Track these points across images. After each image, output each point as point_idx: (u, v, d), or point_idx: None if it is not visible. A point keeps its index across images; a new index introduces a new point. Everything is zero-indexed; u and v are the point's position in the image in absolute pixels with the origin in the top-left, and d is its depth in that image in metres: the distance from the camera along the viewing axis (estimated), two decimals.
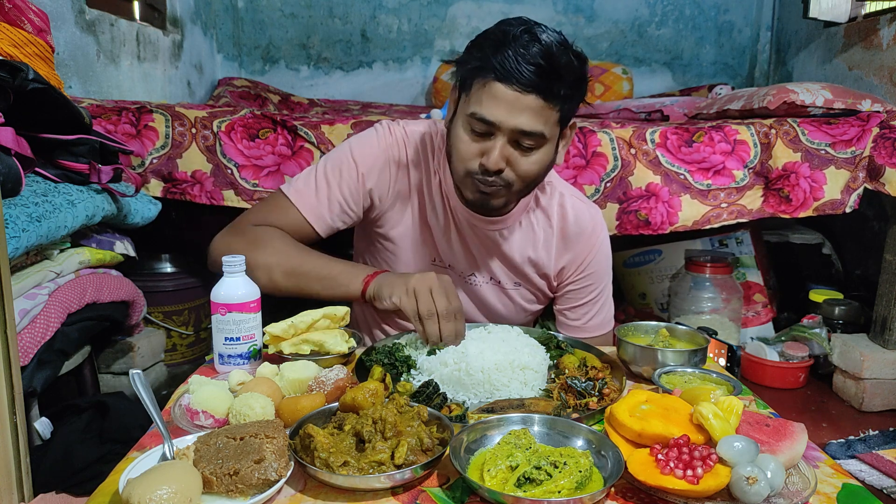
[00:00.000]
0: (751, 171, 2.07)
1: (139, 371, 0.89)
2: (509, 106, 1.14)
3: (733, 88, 3.25)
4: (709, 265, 2.48)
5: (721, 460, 0.80)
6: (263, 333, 1.14)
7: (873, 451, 1.91)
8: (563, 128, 1.25)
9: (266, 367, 1.07)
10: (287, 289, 1.29)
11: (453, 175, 1.27)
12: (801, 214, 2.06)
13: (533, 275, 1.43)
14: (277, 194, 1.37)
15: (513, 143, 1.18)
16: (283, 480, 0.79)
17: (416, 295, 1.18)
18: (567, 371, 1.12)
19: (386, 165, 1.36)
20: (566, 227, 1.41)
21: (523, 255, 1.41)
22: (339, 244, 1.51)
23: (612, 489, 0.81)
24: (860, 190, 2.05)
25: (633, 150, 2.05)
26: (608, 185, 2.04)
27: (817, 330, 2.43)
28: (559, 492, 0.77)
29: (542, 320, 1.73)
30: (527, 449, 0.83)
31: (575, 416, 0.97)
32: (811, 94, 2.12)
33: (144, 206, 1.73)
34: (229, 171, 1.95)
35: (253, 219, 1.36)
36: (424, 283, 1.18)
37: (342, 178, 1.34)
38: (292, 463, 0.81)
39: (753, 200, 2.10)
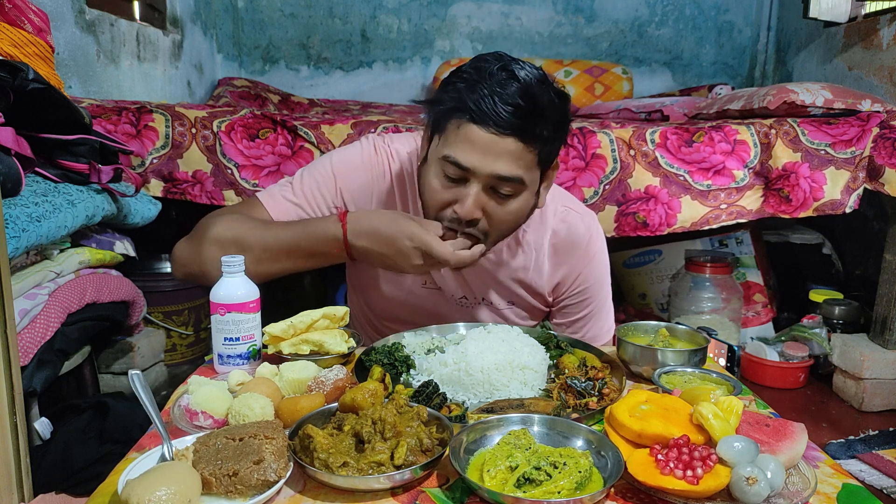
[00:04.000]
0: (751, 171, 2.07)
1: (138, 371, 0.88)
2: (485, 150, 1.06)
3: (733, 88, 3.26)
4: (709, 265, 2.48)
5: (721, 460, 0.79)
6: (263, 333, 1.14)
7: (873, 451, 1.91)
8: (546, 170, 1.18)
9: (265, 368, 1.07)
10: (260, 273, 1.19)
11: (425, 217, 1.20)
12: (801, 214, 2.06)
13: (525, 295, 1.38)
14: (251, 198, 1.31)
15: (488, 191, 1.11)
16: (283, 481, 0.79)
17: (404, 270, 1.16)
18: (567, 371, 1.12)
19: (367, 182, 1.30)
20: (559, 242, 1.34)
21: (514, 277, 1.35)
22: None
23: (612, 489, 0.81)
24: (860, 190, 2.05)
25: (632, 152, 2.05)
26: (607, 187, 2.04)
27: (817, 330, 2.43)
28: (559, 492, 0.77)
29: (542, 320, 1.72)
30: (526, 449, 0.83)
31: (575, 416, 0.97)
32: (811, 94, 2.13)
33: (144, 206, 1.73)
34: (229, 171, 1.95)
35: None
36: (400, 265, 1.15)
37: (318, 188, 1.28)
38: (291, 464, 0.81)
39: (753, 201, 2.10)
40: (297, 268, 1.24)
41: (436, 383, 1.05)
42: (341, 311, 1.20)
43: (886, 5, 2.96)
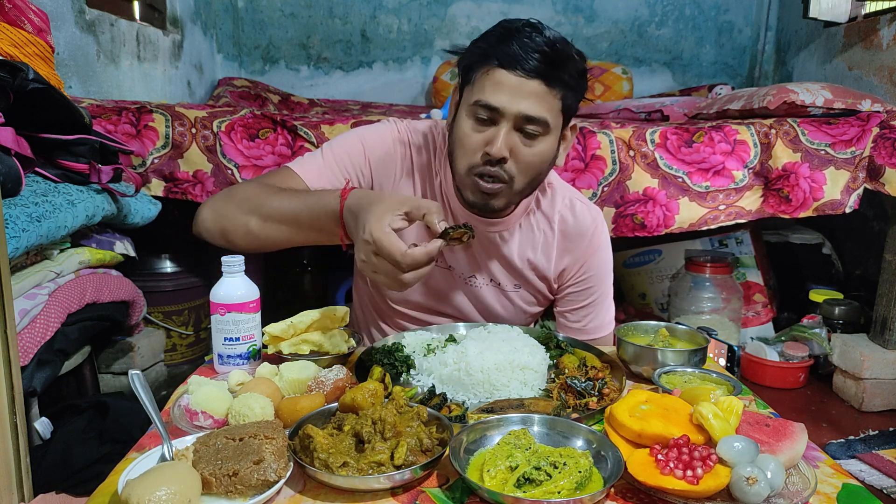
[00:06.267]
0: (751, 171, 2.07)
1: (138, 371, 0.88)
2: (513, 91, 1.15)
3: (733, 88, 3.26)
4: (709, 265, 2.48)
5: (721, 460, 0.80)
6: (263, 333, 1.14)
7: (873, 451, 1.91)
8: (565, 127, 1.25)
9: (265, 368, 1.07)
10: (266, 237, 1.21)
11: (455, 175, 1.27)
12: (801, 215, 2.06)
13: (533, 277, 1.43)
14: (283, 168, 1.35)
15: (516, 131, 1.18)
16: (283, 481, 0.79)
17: (368, 277, 1.12)
18: (567, 371, 1.12)
19: (390, 160, 1.35)
20: (567, 228, 1.40)
21: (523, 258, 1.40)
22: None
23: (612, 489, 0.81)
24: (860, 190, 2.05)
25: (631, 153, 2.05)
26: (605, 189, 2.04)
27: (817, 330, 2.43)
28: (559, 492, 0.77)
29: (542, 320, 1.72)
30: (526, 449, 0.83)
31: (575, 416, 0.97)
32: (811, 94, 2.12)
33: (144, 206, 1.73)
34: (229, 171, 1.95)
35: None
36: (366, 269, 1.02)
37: (348, 154, 1.33)
38: (291, 464, 0.81)
39: (753, 201, 2.10)
40: (298, 239, 1.22)
41: (433, 387, 1.05)
42: (341, 311, 1.20)
43: (886, 5, 2.96)
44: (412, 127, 1.39)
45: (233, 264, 1.12)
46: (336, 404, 0.94)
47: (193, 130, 1.95)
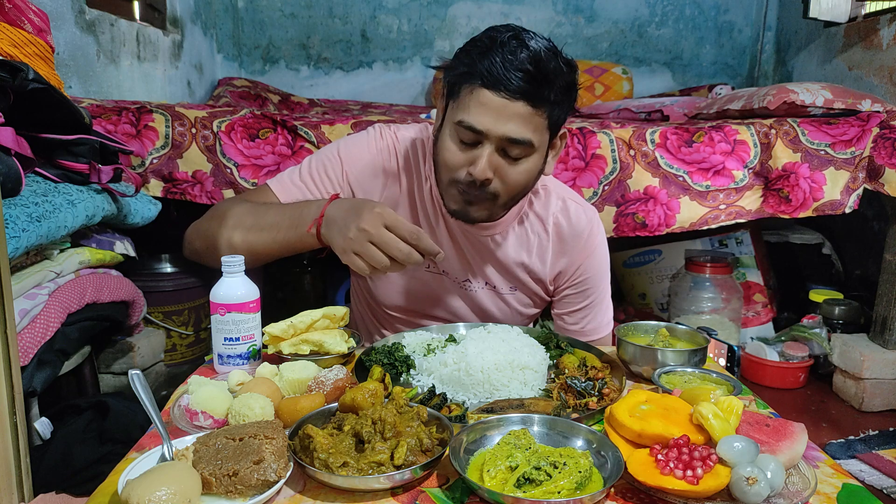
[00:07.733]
0: (751, 171, 2.07)
1: (138, 371, 0.89)
2: (497, 113, 1.12)
3: (733, 88, 3.26)
4: (709, 265, 2.48)
5: (721, 460, 0.80)
6: (263, 333, 1.14)
7: (873, 451, 1.91)
8: (553, 137, 1.23)
9: (265, 368, 1.07)
10: (248, 251, 1.26)
11: (438, 184, 1.26)
12: (801, 215, 2.06)
13: (528, 280, 1.42)
14: (262, 185, 1.39)
15: (500, 152, 1.16)
16: (283, 481, 0.79)
17: (360, 254, 1.10)
18: (567, 371, 1.12)
19: (373, 168, 1.34)
20: (561, 231, 1.38)
21: (517, 261, 1.39)
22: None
23: (612, 489, 0.81)
24: (860, 190, 2.05)
25: (632, 152, 2.04)
26: (606, 188, 2.04)
27: (817, 330, 2.43)
28: (559, 492, 0.77)
29: (542, 320, 1.72)
30: (526, 449, 0.83)
31: (575, 416, 0.97)
32: (811, 94, 2.12)
33: (144, 206, 1.73)
34: (229, 170, 1.95)
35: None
36: (361, 240, 1.09)
37: (326, 174, 1.33)
38: (291, 464, 0.81)
39: (753, 201, 2.10)
40: (277, 245, 1.26)
41: (433, 387, 1.05)
42: (341, 311, 1.20)
43: (886, 5, 2.96)
44: (398, 132, 1.37)
45: (233, 264, 1.12)
46: (336, 404, 0.94)
47: (193, 130, 1.95)
